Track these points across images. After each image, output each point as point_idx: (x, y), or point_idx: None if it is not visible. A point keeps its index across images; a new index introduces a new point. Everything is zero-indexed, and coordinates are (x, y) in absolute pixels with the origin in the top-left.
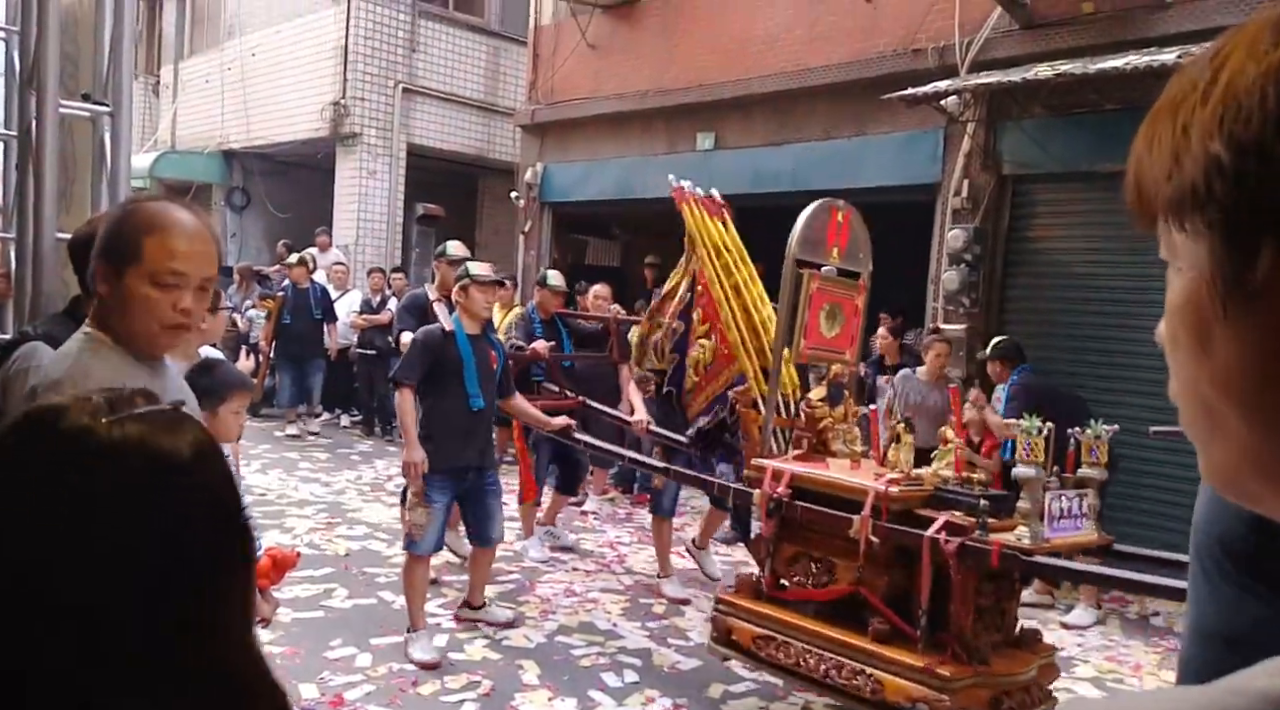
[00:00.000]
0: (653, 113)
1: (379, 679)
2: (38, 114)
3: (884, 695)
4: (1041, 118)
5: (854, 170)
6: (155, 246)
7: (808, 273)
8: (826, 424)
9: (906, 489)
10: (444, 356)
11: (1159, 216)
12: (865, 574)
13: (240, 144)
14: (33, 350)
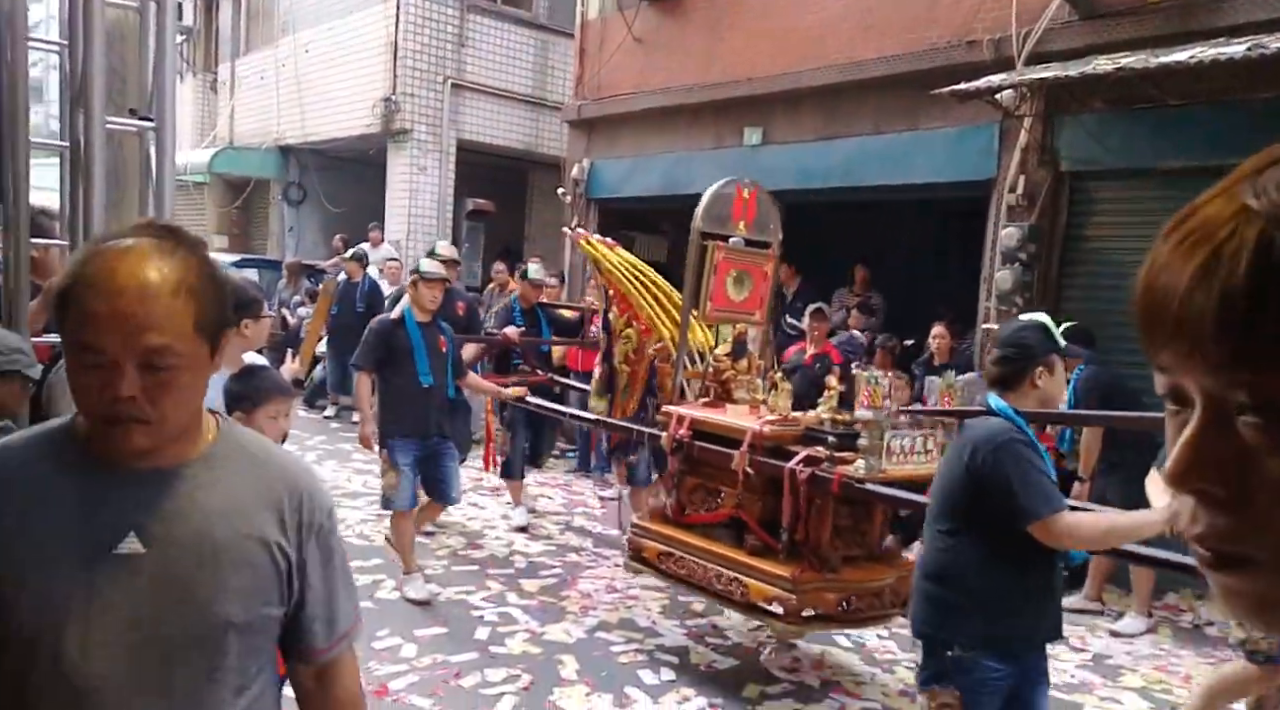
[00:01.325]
0: (700, 107)
1: (423, 670)
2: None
3: (749, 597)
4: (1101, 112)
5: (905, 166)
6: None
7: (712, 244)
8: (729, 375)
9: (779, 429)
10: (395, 342)
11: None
12: (744, 500)
13: (296, 139)
14: None
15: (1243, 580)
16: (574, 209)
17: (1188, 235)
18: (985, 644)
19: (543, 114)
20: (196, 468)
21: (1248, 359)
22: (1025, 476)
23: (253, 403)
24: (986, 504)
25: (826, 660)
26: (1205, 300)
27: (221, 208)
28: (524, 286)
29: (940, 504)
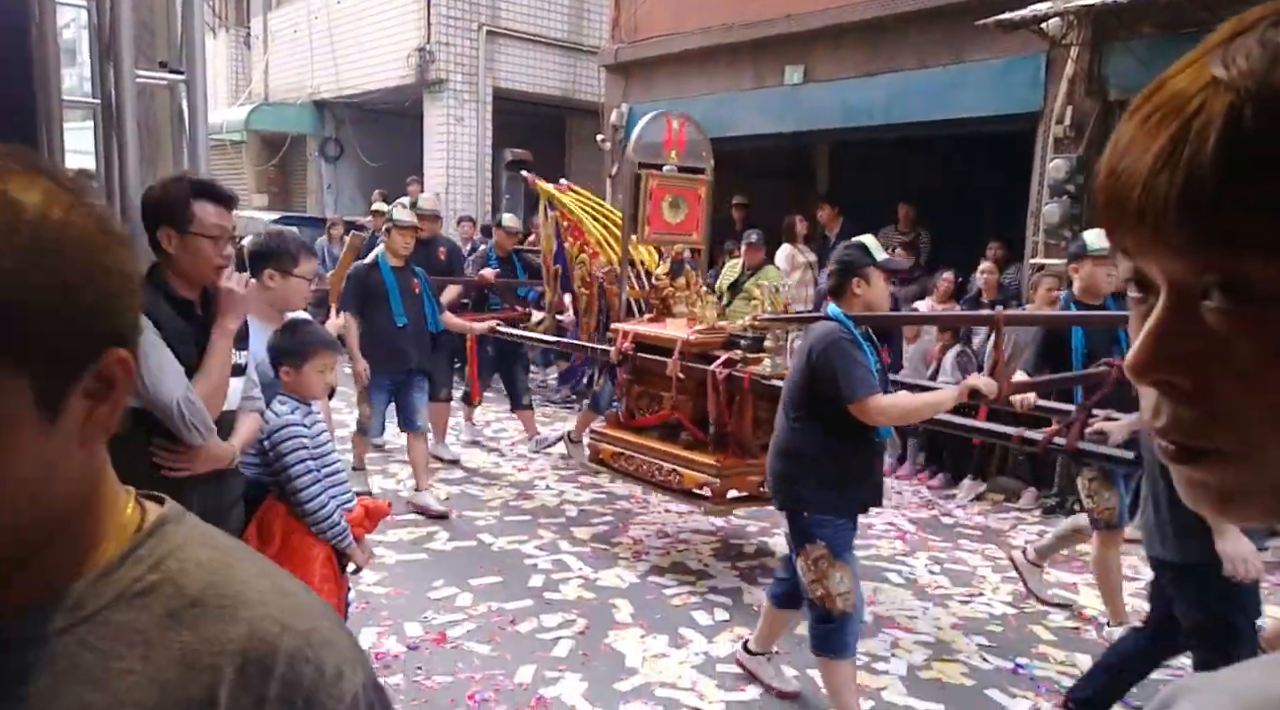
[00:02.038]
0: (739, 46)
1: (479, 617)
2: (116, 84)
3: (684, 484)
4: (1150, 38)
5: (950, 100)
6: None
7: (646, 172)
8: (668, 293)
9: (705, 337)
10: (371, 285)
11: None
12: (679, 402)
13: (331, 94)
14: None
15: (1208, 472)
16: (613, 156)
17: (1153, 112)
18: (829, 505)
19: (579, 59)
20: (50, 625)
21: (1216, 238)
22: (847, 368)
23: (301, 357)
24: (821, 391)
25: (878, 596)
26: (1171, 178)
27: (259, 166)
28: (499, 234)
29: (788, 394)
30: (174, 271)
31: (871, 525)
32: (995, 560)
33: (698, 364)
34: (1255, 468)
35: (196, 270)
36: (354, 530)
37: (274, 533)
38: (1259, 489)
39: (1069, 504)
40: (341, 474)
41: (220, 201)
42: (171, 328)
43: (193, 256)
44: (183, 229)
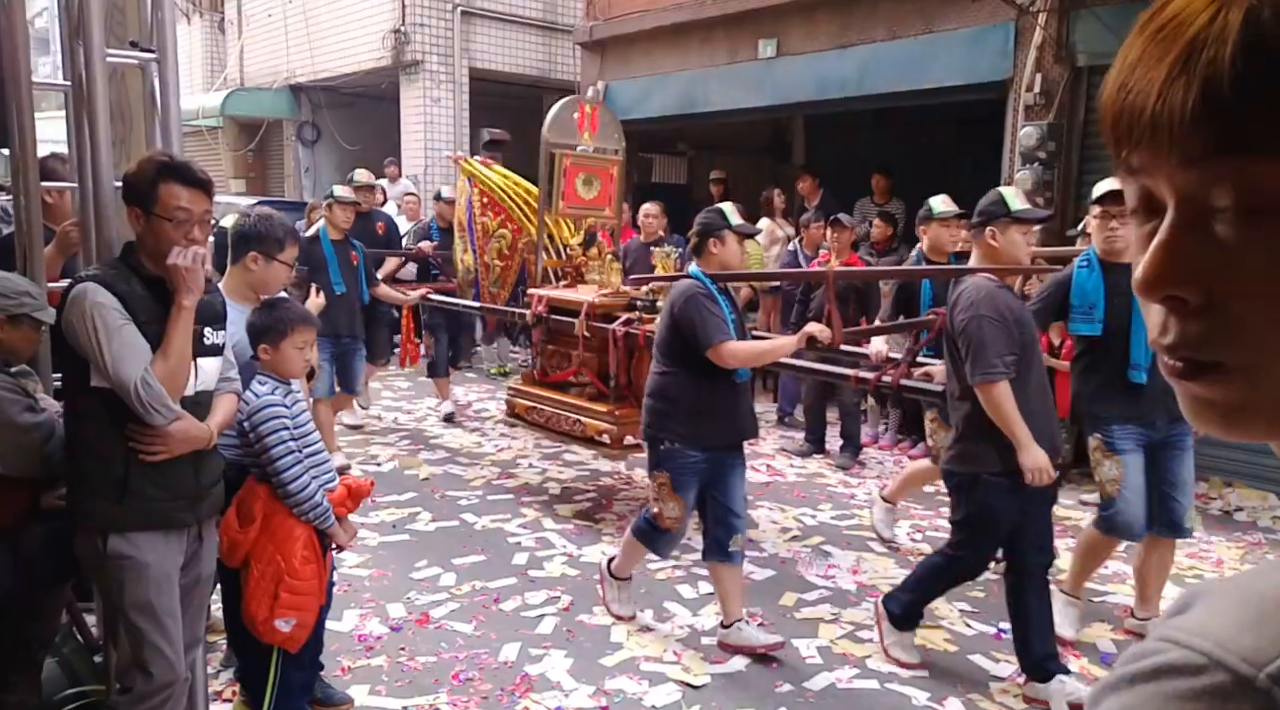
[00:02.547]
0: (712, 21)
1: (463, 596)
2: (86, 64)
3: (586, 432)
4: (1118, 4)
5: (921, 71)
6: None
7: (559, 152)
8: (580, 261)
9: (609, 300)
10: (313, 256)
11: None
12: (585, 359)
13: (306, 78)
14: (84, 289)
15: (1214, 388)
16: None
17: (1166, 23)
18: (684, 439)
19: (555, 38)
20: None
21: (1232, 145)
22: (702, 318)
23: (279, 334)
24: (682, 339)
25: (861, 565)
26: (1188, 85)
27: (236, 151)
28: (439, 206)
29: (657, 343)
30: (144, 251)
31: (854, 495)
32: None
33: (602, 324)
34: (1263, 381)
35: (160, 251)
36: (336, 510)
37: (254, 514)
38: (1265, 404)
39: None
40: (323, 453)
41: (189, 183)
42: (141, 307)
43: (155, 237)
44: (148, 209)
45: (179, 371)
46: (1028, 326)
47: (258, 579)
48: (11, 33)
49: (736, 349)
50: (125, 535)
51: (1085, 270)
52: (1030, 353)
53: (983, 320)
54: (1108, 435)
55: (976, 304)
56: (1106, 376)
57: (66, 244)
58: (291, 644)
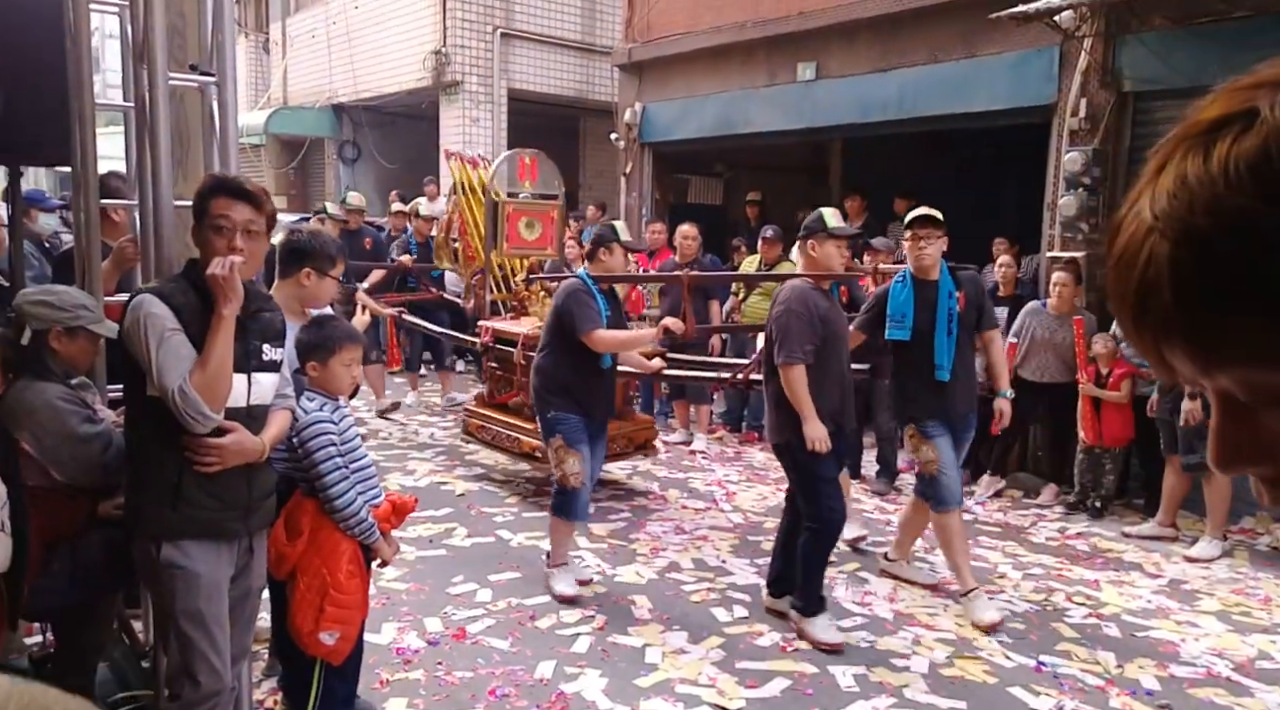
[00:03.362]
0: (752, 44)
1: (499, 613)
2: (150, 86)
3: (522, 448)
4: (1164, 30)
5: (964, 94)
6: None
7: (502, 201)
8: (524, 296)
9: (538, 332)
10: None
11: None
12: (522, 383)
13: (348, 97)
14: (141, 300)
15: None
16: (627, 154)
17: (1117, 260)
18: (563, 407)
19: (593, 60)
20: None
21: (1215, 364)
22: (581, 310)
23: (328, 351)
24: (564, 328)
25: (898, 593)
26: (1153, 327)
27: (278, 169)
28: (418, 222)
29: (543, 332)
30: (203, 264)
31: (889, 521)
32: (1016, 557)
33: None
34: None
35: (209, 262)
36: (380, 526)
37: (302, 528)
38: None
39: (1090, 502)
40: (370, 469)
41: (233, 194)
42: (195, 318)
43: (205, 248)
44: (199, 221)
45: (219, 379)
46: (832, 324)
47: (304, 592)
48: (77, 56)
49: (604, 336)
50: (178, 544)
51: (900, 285)
52: (831, 346)
53: (791, 314)
54: (921, 427)
55: (789, 300)
56: (916, 375)
57: (123, 259)
58: (335, 656)
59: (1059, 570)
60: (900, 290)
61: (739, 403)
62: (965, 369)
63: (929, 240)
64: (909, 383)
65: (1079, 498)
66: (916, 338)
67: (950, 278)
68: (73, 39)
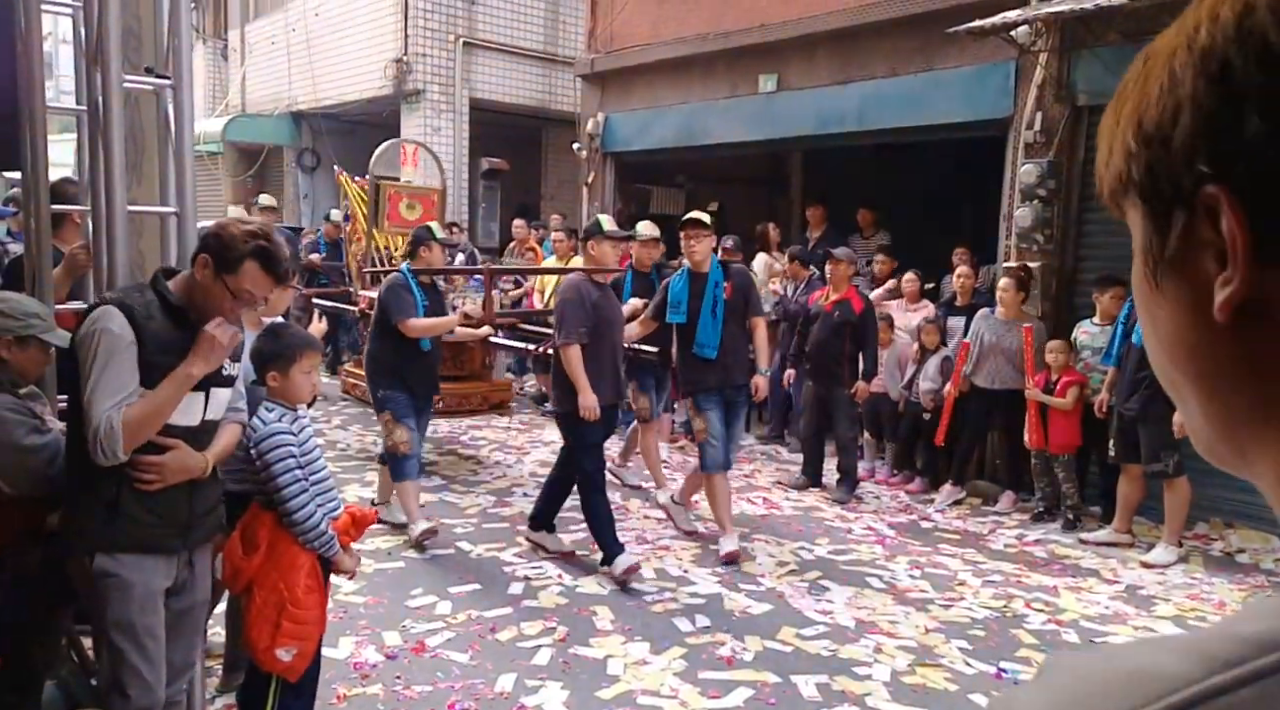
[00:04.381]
0: (713, 56)
1: (458, 625)
2: (103, 89)
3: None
4: (1118, 45)
5: (922, 107)
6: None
7: (384, 183)
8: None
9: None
10: None
11: (1109, 202)
12: None
13: (308, 105)
14: (103, 312)
15: None
16: (590, 164)
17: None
18: (390, 385)
19: (555, 70)
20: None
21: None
22: (396, 301)
23: (287, 360)
24: (385, 316)
25: (858, 601)
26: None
27: (236, 177)
28: (328, 227)
29: (371, 323)
30: (185, 290)
31: (850, 529)
32: (975, 564)
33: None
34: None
35: (205, 306)
36: (340, 538)
37: (259, 541)
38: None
39: (1063, 511)
40: (329, 481)
41: (271, 273)
42: (156, 338)
43: (209, 296)
44: (220, 270)
45: (151, 426)
46: (603, 310)
47: (260, 606)
48: (28, 59)
49: (413, 323)
50: (112, 555)
51: (678, 278)
52: (604, 329)
53: (567, 302)
54: (696, 400)
55: (565, 291)
56: (689, 353)
57: (74, 266)
58: (291, 673)
59: (1018, 577)
60: (678, 282)
61: None
62: (734, 348)
63: (697, 239)
64: (685, 361)
65: (1046, 506)
66: (690, 321)
67: (720, 270)
68: (23, 41)
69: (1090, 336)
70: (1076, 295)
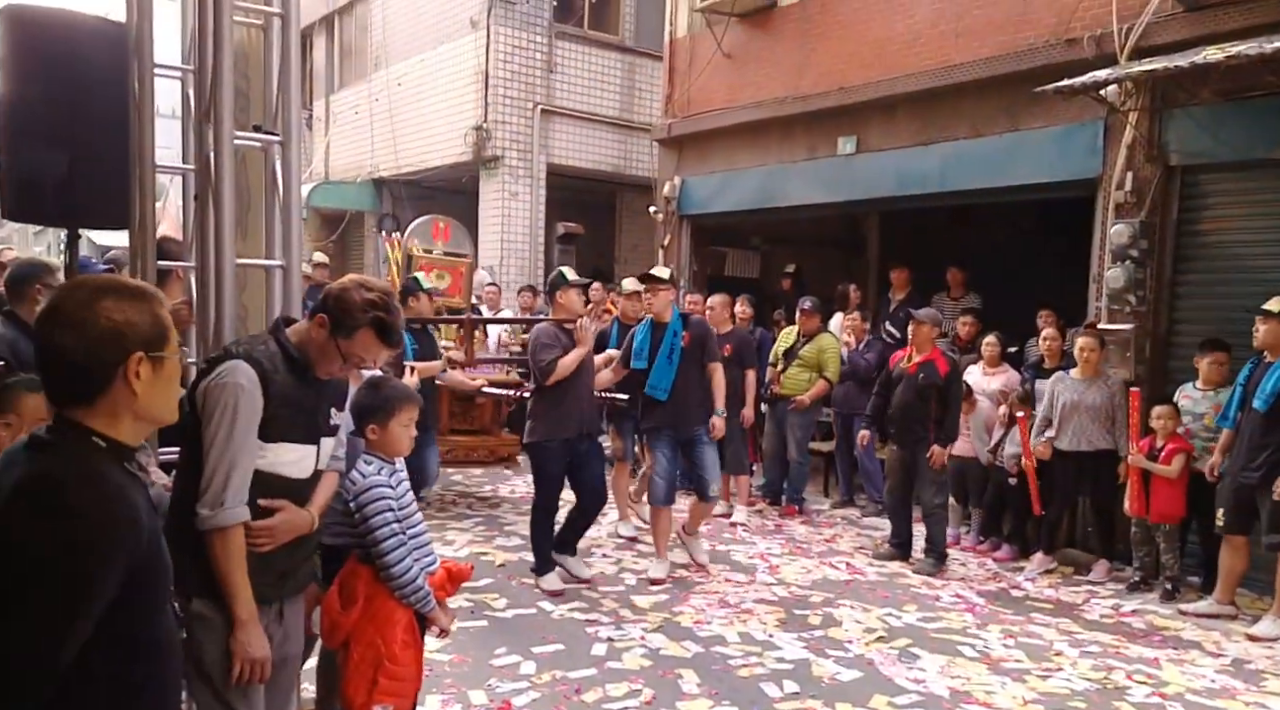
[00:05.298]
0: (791, 119)
1: (543, 685)
2: (215, 146)
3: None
4: (1211, 104)
5: (1006, 167)
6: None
7: (416, 256)
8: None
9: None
10: None
11: None
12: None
13: (389, 172)
14: (234, 367)
15: None
16: (666, 226)
17: None
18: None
19: (630, 135)
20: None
21: None
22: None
23: (387, 413)
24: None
25: (952, 669)
26: None
27: (318, 242)
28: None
29: None
30: (302, 341)
31: (939, 597)
32: (1071, 634)
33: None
34: None
35: (317, 360)
36: (435, 593)
37: (356, 596)
38: None
39: (1161, 583)
40: (426, 536)
41: (386, 342)
42: (283, 388)
43: (322, 353)
44: (337, 333)
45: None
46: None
47: (357, 662)
48: (140, 122)
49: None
50: (208, 599)
51: (643, 327)
52: (574, 372)
53: (540, 344)
54: (647, 438)
55: (536, 336)
56: (646, 396)
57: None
58: None
59: (1116, 648)
60: (642, 331)
61: (778, 476)
62: (690, 391)
63: (655, 293)
64: (641, 401)
65: (1143, 576)
66: (649, 366)
67: (680, 320)
68: (136, 105)
69: (1192, 402)
70: (1171, 359)
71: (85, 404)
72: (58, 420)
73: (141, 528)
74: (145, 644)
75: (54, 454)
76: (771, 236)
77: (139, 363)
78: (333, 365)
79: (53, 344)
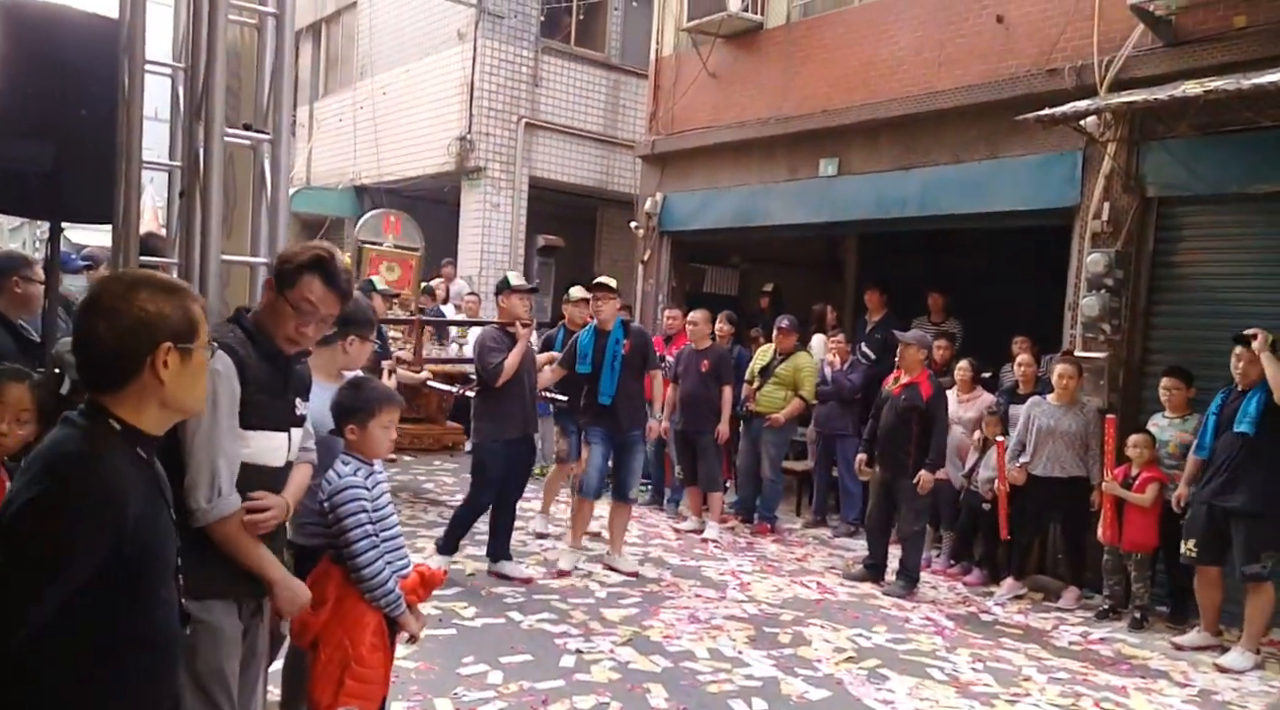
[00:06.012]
0: (774, 140)
1: (510, 695)
2: (205, 143)
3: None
4: (1189, 137)
5: (985, 194)
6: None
7: (366, 247)
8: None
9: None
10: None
11: None
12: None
13: (371, 179)
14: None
15: None
16: (646, 242)
17: None
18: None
19: (613, 151)
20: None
21: None
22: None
23: (367, 414)
24: None
25: (920, 691)
26: None
27: None
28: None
29: None
30: (258, 319)
31: (909, 619)
32: (1039, 660)
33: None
34: None
35: (273, 330)
36: (407, 597)
37: (326, 596)
38: None
39: (1131, 612)
40: (399, 539)
41: (329, 284)
42: (258, 374)
43: (274, 315)
44: (281, 287)
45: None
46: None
47: (324, 663)
48: (129, 118)
49: None
50: (202, 601)
51: (586, 333)
52: (515, 374)
53: (485, 348)
54: (587, 435)
55: (483, 339)
56: (590, 399)
57: None
58: None
59: (1084, 675)
60: (585, 337)
61: (751, 493)
62: (629, 396)
63: (604, 301)
64: (586, 403)
65: (1112, 605)
66: (593, 372)
67: (622, 329)
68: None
69: (1159, 429)
70: (1144, 387)
71: (114, 390)
72: (87, 403)
73: (126, 512)
74: (127, 635)
75: (69, 429)
76: (751, 255)
77: (167, 353)
78: (288, 325)
79: (87, 331)
